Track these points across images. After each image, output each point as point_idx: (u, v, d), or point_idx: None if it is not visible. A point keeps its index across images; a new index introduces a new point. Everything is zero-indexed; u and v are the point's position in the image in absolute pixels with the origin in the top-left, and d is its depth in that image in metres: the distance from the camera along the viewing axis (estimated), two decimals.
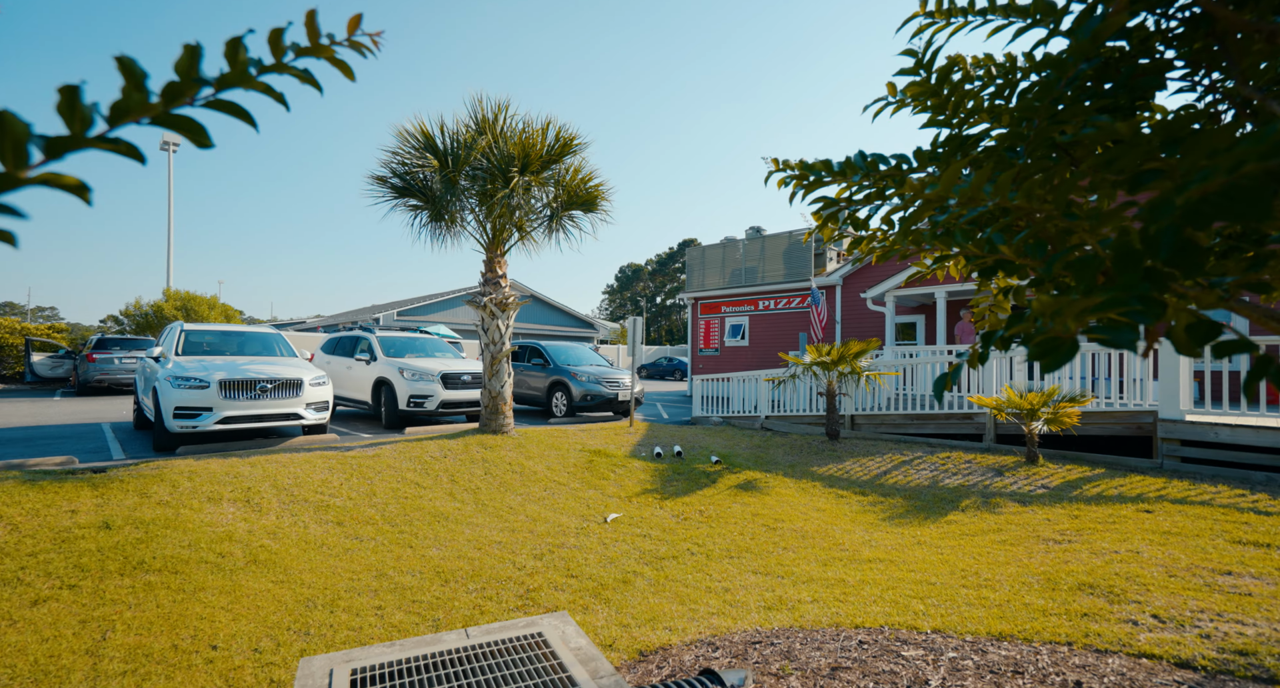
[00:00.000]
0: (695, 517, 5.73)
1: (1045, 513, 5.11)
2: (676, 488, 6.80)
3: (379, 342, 9.91)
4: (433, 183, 7.12)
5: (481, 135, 7.01)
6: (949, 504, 5.76)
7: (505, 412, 7.97)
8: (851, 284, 16.24)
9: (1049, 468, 6.51)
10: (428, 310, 31.97)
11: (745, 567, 4.33)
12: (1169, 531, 4.24)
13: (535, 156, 7.11)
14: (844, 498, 6.42)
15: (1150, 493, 5.36)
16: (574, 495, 6.32)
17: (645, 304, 76.42)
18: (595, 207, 7.97)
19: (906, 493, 6.29)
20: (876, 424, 9.26)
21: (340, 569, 3.88)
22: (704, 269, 20.43)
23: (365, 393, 9.62)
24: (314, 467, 5.78)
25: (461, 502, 5.72)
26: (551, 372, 11.89)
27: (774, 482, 7.05)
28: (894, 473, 6.99)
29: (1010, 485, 6.05)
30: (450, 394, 9.32)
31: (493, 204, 7.05)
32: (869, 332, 15.56)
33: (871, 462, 7.53)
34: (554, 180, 7.72)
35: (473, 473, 6.51)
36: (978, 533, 4.84)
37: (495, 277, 7.85)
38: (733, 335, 19.49)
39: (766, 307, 18.53)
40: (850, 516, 5.85)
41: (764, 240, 18.74)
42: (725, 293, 19.55)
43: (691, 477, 7.23)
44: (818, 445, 8.67)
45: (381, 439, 7.67)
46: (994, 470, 6.58)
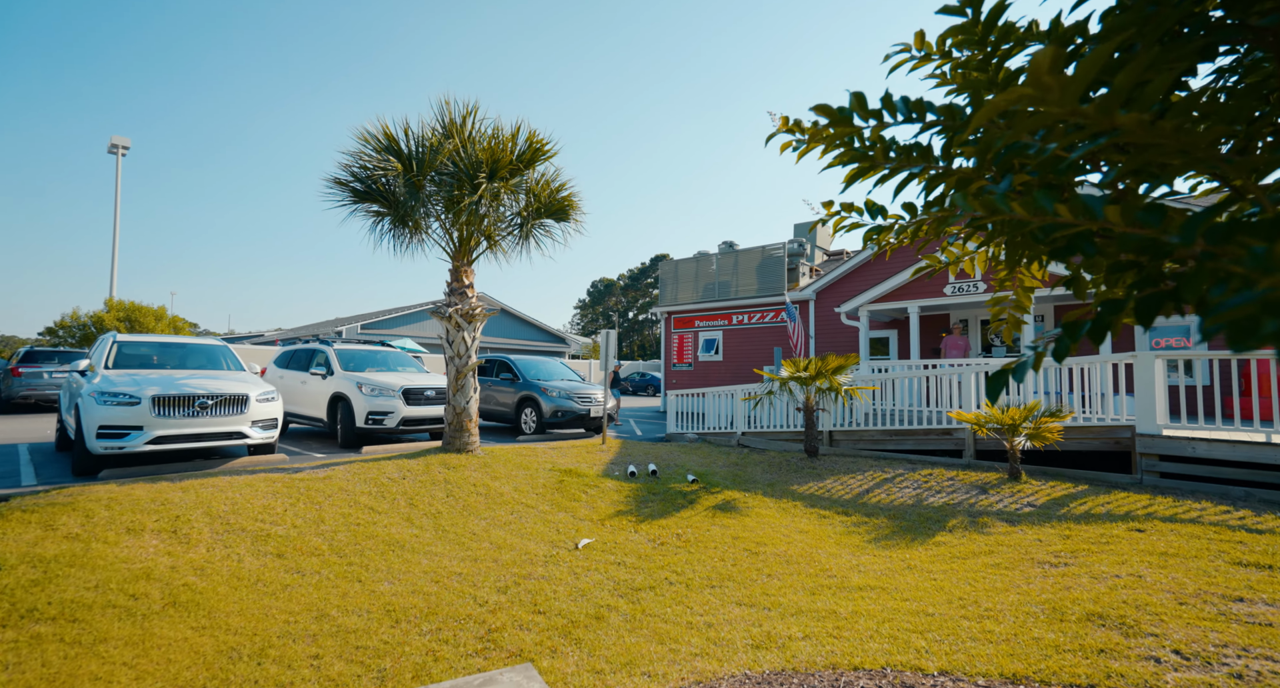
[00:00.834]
0: (672, 541, 5.39)
1: (1035, 533, 4.92)
2: (652, 510, 6.46)
3: (336, 355, 9.36)
4: (395, 187, 6.73)
5: (448, 139, 6.67)
6: (935, 524, 5.55)
7: (470, 429, 7.53)
8: (825, 299, 16.24)
9: (1032, 485, 6.38)
10: (393, 324, 31.09)
11: (728, 597, 4.01)
12: (1166, 552, 4.08)
13: (505, 162, 6.80)
14: (827, 519, 6.17)
15: (1138, 511, 5.23)
16: (543, 519, 5.92)
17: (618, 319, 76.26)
18: (567, 216, 7.68)
19: (891, 512, 6.06)
20: (855, 440, 9.09)
21: (275, 610, 3.42)
22: (677, 283, 20.28)
23: (320, 410, 9.04)
24: (256, 491, 5.26)
25: (420, 528, 5.27)
26: (521, 387, 11.45)
27: (754, 502, 6.76)
28: (876, 491, 6.77)
29: (996, 504, 5.87)
30: (412, 410, 8.82)
31: (459, 211, 6.70)
32: (842, 346, 15.54)
33: (853, 480, 7.31)
34: (524, 188, 7.41)
35: (433, 496, 6.06)
36: (969, 555, 4.61)
37: (462, 287, 7.46)
38: (706, 350, 19.31)
39: (740, 321, 18.43)
40: (835, 538, 5.59)
41: (737, 255, 18.70)
42: (698, 307, 19.41)
43: (667, 497, 6.90)
44: (796, 463, 8.43)
45: (335, 459, 7.14)
46: (978, 488, 6.42)
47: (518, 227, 7.69)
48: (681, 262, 20.33)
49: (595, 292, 80.00)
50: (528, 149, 7.10)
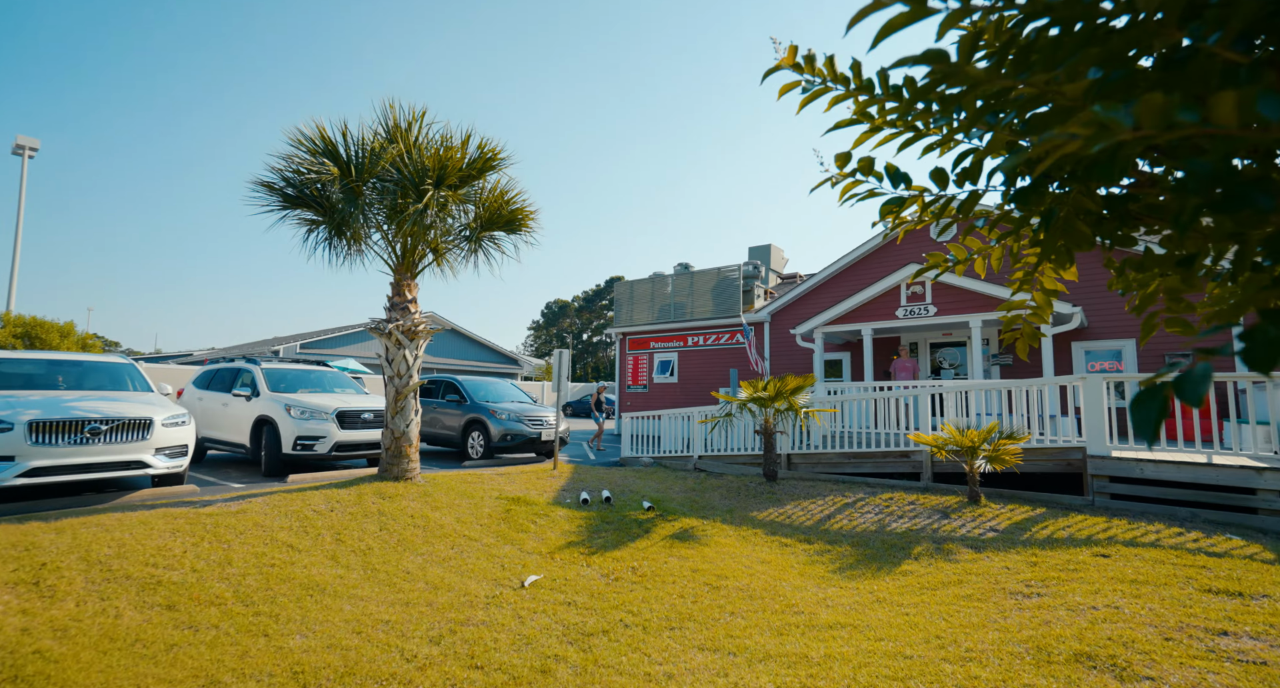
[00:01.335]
0: (628, 576, 4.99)
1: (1002, 560, 4.77)
2: (606, 540, 6.04)
3: (263, 375, 8.58)
4: (332, 193, 6.22)
5: (392, 144, 6.24)
6: (900, 552, 5.35)
7: (410, 455, 6.96)
8: (780, 321, 16.32)
9: (992, 508, 6.31)
10: (336, 343, 29.66)
11: (690, 641, 3.64)
12: (1136, 579, 3.97)
13: (453, 170, 6.41)
14: (789, 547, 5.90)
15: (1099, 535, 5.18)
16: (486, 553, 5.42)
17: (572, 340, 75.58)
18: (519, 227, 7.32)
19: (854, 540, 5.85)
20: (814, 464, 8.93)
21: (152, 679, 2.84)
22: (632, 304, 20.07)
23: (243, 434, 8.22)
24: (151, 529, 4.57)
25: (346, 567, 4.69)
26: (468, 409, 10.85)
27: (712, 530, 6.44)
28: (838, 517, 6.57)
29: (959, 529, 5.74)
30: (347, 435, 8.13)
31: (403, 220, 6.24)
32: (797, 368, 15.58)
33: (814, 505, 7.10)
34: (474, 198, 7.03)
35: (364, 530, 5.47)
36: (938, 586, 4.41)
37: (404, 301, 6.95)
38: (662, 372, 19.09)
39: (696, 343, 18.32)
40: (798, 568, 5.32)
41: (692, 276, 18.68)
42: (654, 329, 19.22)
43: (622, 526, 6.49)
44: (755, 488, 8.18)
45: (255, 490, 6.43)
46: (939, 512, 6.30)
47: (466, 238, 7.27)
48: (636, 283, 20.17)
49: (549, 313, 79.23)
50: (479, 157, 6.74)
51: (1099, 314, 11.76)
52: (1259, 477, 5.84)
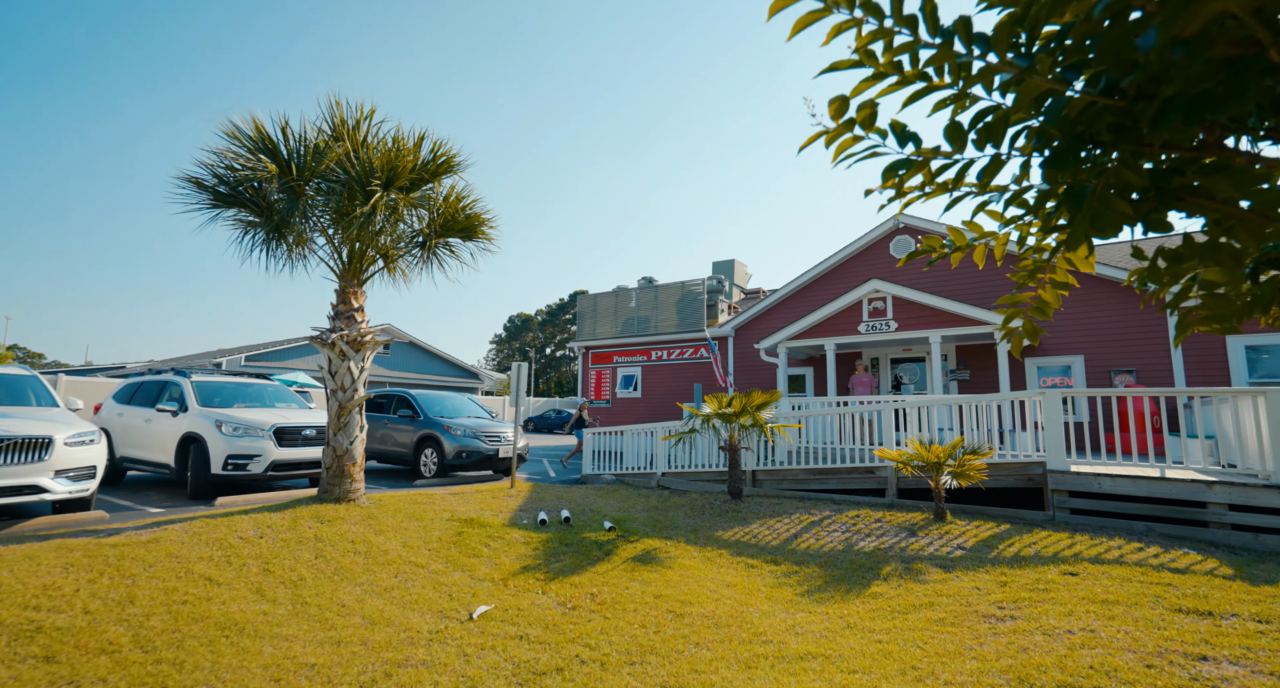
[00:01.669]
0: (586, 604, 4.67)
1: (972, 580, 4.65)
2: (564, 564, 5.70)
3: (193, 388, 7.92)
4: (270, 193, 5.78)
5: (338, 142, 5.86)
6: (869, 572, 5.19)
7: (353, 474, 6.48)
8: (743, 335, 16.30)
9: (958, 525, 6.23)
10: (284, 356, 28.38)
11: (652, 678, 3.35)
12: (1106, 599, 3.87)
13: (404, 171, 6.06)
14: (755, 569, 5.67)
15: (1065, 552, 5.13)
16: (434, 581, 5.01)
17: (535, 355, 74.68)
18: (476, 234, 6.99)
19: (821, 560, 5.66)
20: (779, 480, 8.78)
21: None
22: (595, 318, 19.81)
23: (168, 453, 7.54)
24: (38, 565, 4.02)
25: (272, 602, 4.23)
26: (421, 425, 10.33)
27: (676, 551, 6.16)
28: (805, 536, 6.38)
29: (927, 547, 5.62)
30: (286, 453, 7.56)
31: (348, 223, 5.85)
32: (760, 383, 15.54)
33: (779, 523, 6.90)
34: (427, 202, 6.68)
35: (297, 559, 4.99)
36: (909, 609, 4.24)
37: (350, 310, 6.52)
38: (625, 386, 18.82)
39: (659, 357, 18.15)
40: (765, 591, 5.08)
41: (656, 290, 18.56)
42: (617, 343, 18.97)
43: (581, 549, 6.16)
44: (720, 505, 7.96)
45: (175, 516, 5.84)
46: (906, 530, 6.18)
47: (419, 245, 6.90)
48: (600, 296, 19.93)
49: (512, 327, 78.22)
50: (432, 159, 6.41)
51: (1050, 330, 12.09)
52: (1209, 490, 5.93)
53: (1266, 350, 10.84)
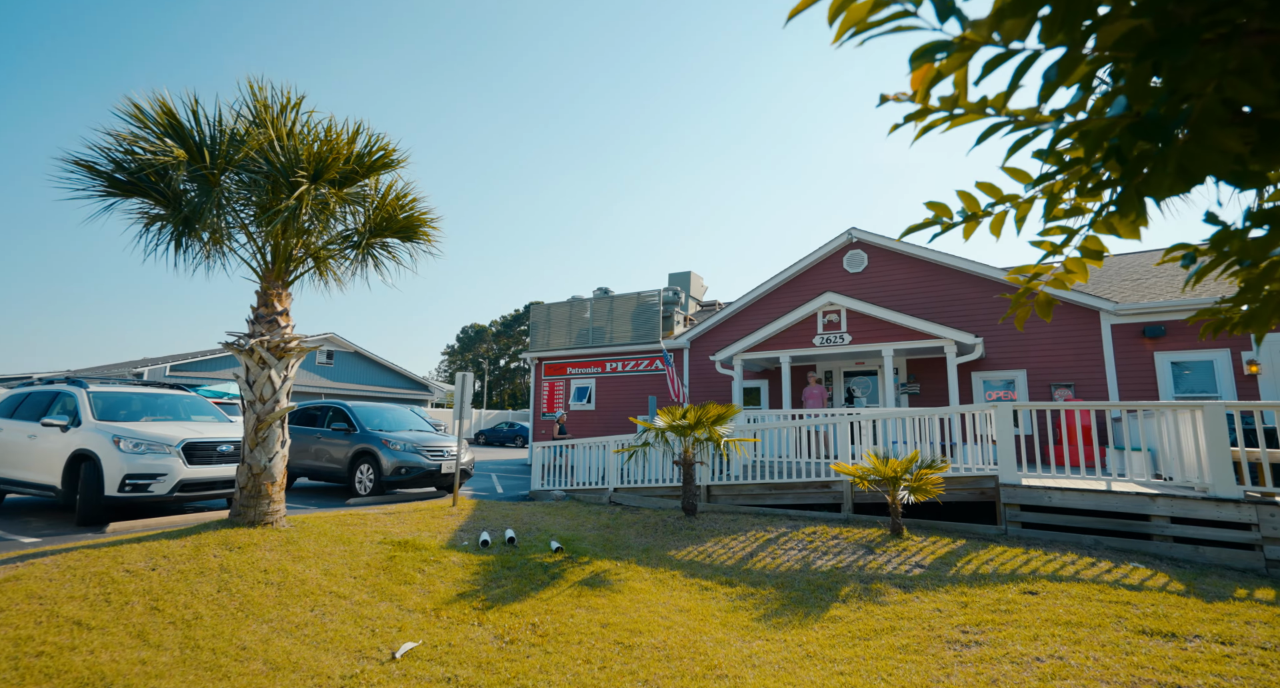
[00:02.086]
0: (525, 637, 4.26)
1: (933, 601, 4.47)
2: (505, 590, 5.26)
3: (90, 399, 7.08)
4: (178, 181, 5.20)
5: (261, 129, 5.34)
6: (827, 593, 4.96)
7: (272, 494, 5.87)
8: (699, 347, 16.17)
9: (915, 541, 6.11)
10: (215, 365, 26.65)
11: None
12: (1070, 621, 3.74)
13: (335, 164, 5.58)
14: (710, 591, 5.37)
15: (1022, 569, 5.04)
16: (356, 614, 4.50)
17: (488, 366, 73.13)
18: (417, 235, 6.54)
19: (778, 581, 5.41)
20: (734, 496, 8.54)
21: None
22: (549, 328, 19.35)
23: (54, 473, 6.67)
24: None
25: (156, 647, 3.65)
26: (357, 439, 9.65)
27: (627, 573, 5.81)
28: (761, 555, 6.13)
29: (885, 565, 5.45)
30: (198, 471, 6.83)
31: (271, 217, 5.32)
32: (716, 396, 15.40)
33: (735, 541, 6.64)
34: (363, 199, 6.20)
35: (195, 594, 4.39)
36: (871, 635, 4.01)
37: (272, 313, 5.94)
38: (578, 398, 18.38)
39: (614, 369, 17.82)
40: (720, 616, 4.78)
41: (612, 301, 18.28)
42: (571, 354, 18.55)
43: (525, 573, 5.73)
44: (674, 523, 7.64)
45: (50, 547, 5.11)
46: (864, 547, 6.01)
47: (354, 245, 6.40)
48: (554, 306, 19.51)
49: (465, 337, 76.48)
50: (368, 153, 5.95)
51: (995, 346, 12.40)
52: (1152, 503, 6.00)
53: (1189, 367, 11.38)
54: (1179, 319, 11.27)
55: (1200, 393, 11.05)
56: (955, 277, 13.18)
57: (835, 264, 14.64)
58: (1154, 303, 11.33)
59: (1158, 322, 11.40)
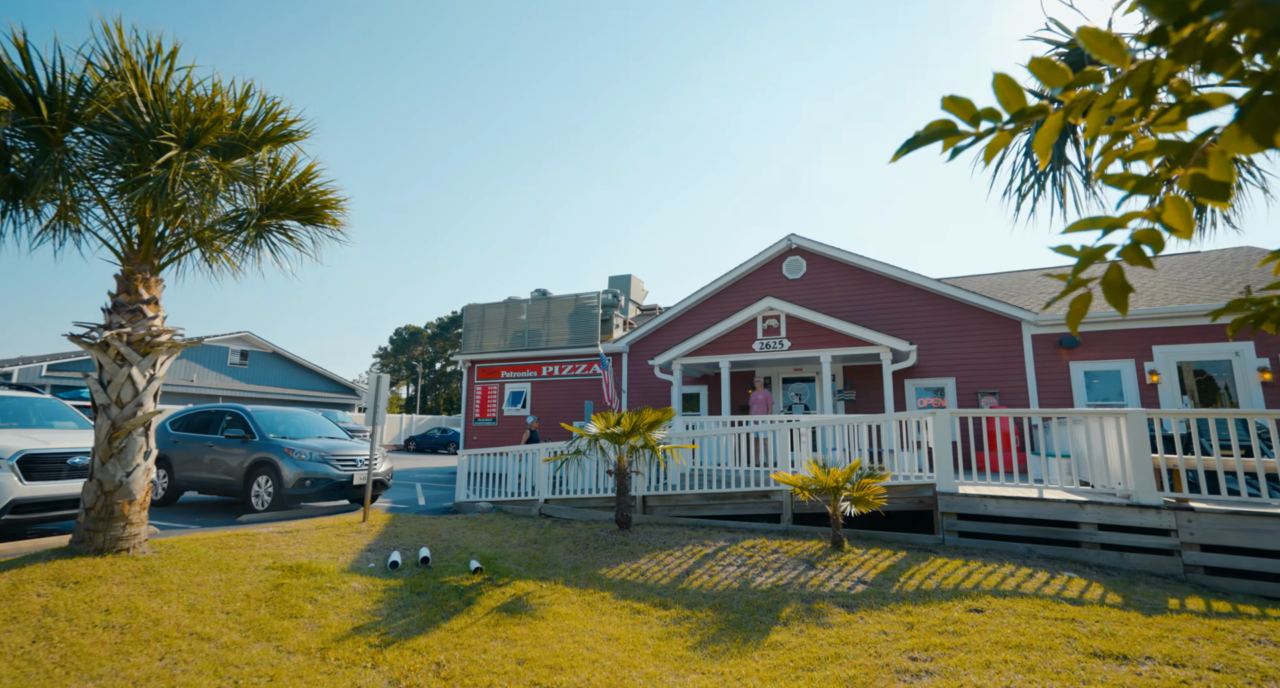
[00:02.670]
0: (427, 681, 3.66)
1: (878, 622, 4.19)
2: (410, 621, 4.62)
3: None
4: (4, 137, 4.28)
5: (119, 81, 4.49)
6: (768, 615, 4.60)
7: (129, 516, 4.97)
8: (638, 352, 15.78)
9: (856, 553, 5.88)
10: None
11: None
12: (1020, 644, 3.52)
13: (216, 129, 4.79)
14: (642, 615, 4.91)
15: (965, 584, 4.86)
16: (219, 661, 3.76)
17: (423, 370, 70.41)
18: (320, 217, 5.80)
19: (716, 601, 5.02)
20: (671, 507, 8.14)
21: None
22: (483, 330, 18.48)
23: None
24: None
25: None
26: (256, 447, 8.62)
27: (552, 596, 5.27)
28: (698, 572, 5.73)
29: (828, 582, 5.16)
30: (41, 488, 5.77)
31: (131, 187, 4.49)
32: (655, 402, 15.04)
33: (670, 557, 6.22)
34: (254, 174, 5.42)
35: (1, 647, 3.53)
36: (814, 664, 3.66)
37: (137, 301, 5.06)
38: (513, 403, 17.60)
39: (550, 373, 17.17)
40: (653, 645, 4.33)
41: (549, 302, 17.65)
42: (506, 357, 17.77)
43: (437, 598, 5.09)
44: (607, 537, 7.15)
45: None
46: (805, 561, 5.72)
47: (247, 225, 5.59)
48: (489, 306, 18.66)
49: (399, 340, 73.37)
50: (262, 119, 5.19)
51: (925, 353, 12.65)
52: (1081, 510, 6.03)
53: (1099, 376, 11.96)
54: (1093, 330, 11.82)
55: (1109, 401, 11.62)
56: (890, 285, 13.40)
57: (775, 270, 14.63)
58: None
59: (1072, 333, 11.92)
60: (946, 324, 12.77)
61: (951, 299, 12.79)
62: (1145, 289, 12.68)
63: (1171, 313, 11.23)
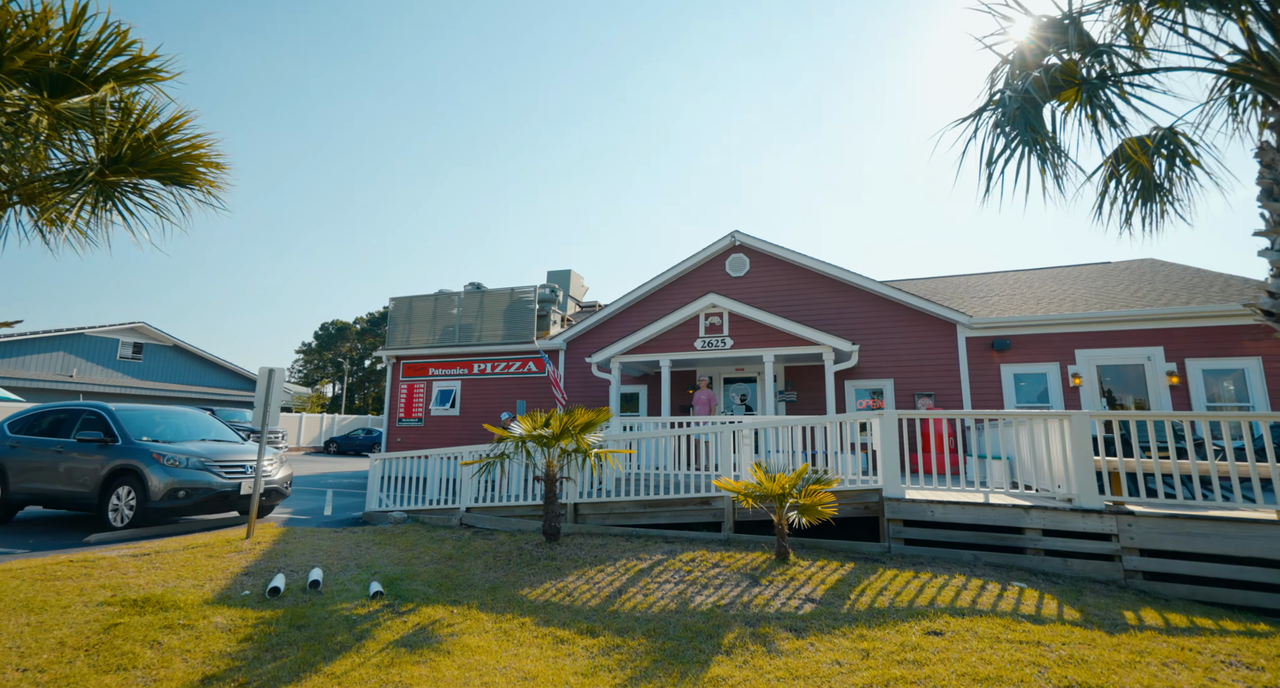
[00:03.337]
0: None
1: (830, 649, 3.72)
2: (282, 666, 3.78)
3: None
4: None
5: None
6: (709, 642, 4.06)
7: None
8: (576, 350, 15.08)
9: (801, 566, 5.45)
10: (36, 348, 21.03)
11: None
12: (988, 676, 3.12)
13: (29, 51, 3.79)
14: (566, 645, 4.26)
15: (919, 601, 4.49)
16: None
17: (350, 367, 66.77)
18: (189, 177, 4.82)
19: (651, 626, 4.43)
20: (605, 515, 7.51)
21: None
22: (410, 324, 17.27)
23: None
24: None
25: None
26: (117, 452, 7.35)
27: (463, 624, 4.54)
28: (631, 591, 5.13)
29: (773, 600, 4.68)
30: None
31: None
32: (592, 402, 14.38)
33: (602, 574, 5.59)
34: (95, 116, 4.40)
35: None
36: None
37: None
38: (441, 403, 16.50)
39: (482, 371, 16.19)
40: (576, 682, 3.70)
41: (483, 296, 16.67)
42: (435, 353, 16.64)
43: (322, 633, 4.26)
44: (532, 550, 6.45)
45: None
46: (748, 576, 5.23)
47: (82, 180, 4.55)
48: (418, 299, 17.45)
49: (325, 334, 69.26)
50: (106, 50, 4.19)
51: (865, 355, 12.61)
52: (1026, 516, 5.86)
53: (1027, 378, 12.25)
54: (1022, 334, 12.09)
55: (1036, 403, 11.91)
56: (832, 285, 13.31)
57: (718, 267, 14.29)
58: (1001, 317, 12.07)
59: (1004, 335, 12.16)
60: (886, 326, 12.78)
61: (891, 301, 12.81)
62: (1068, 295, 13.13)
63: (1093, 318, 11.61)
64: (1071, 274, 15.47)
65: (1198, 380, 11.07)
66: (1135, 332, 11.46)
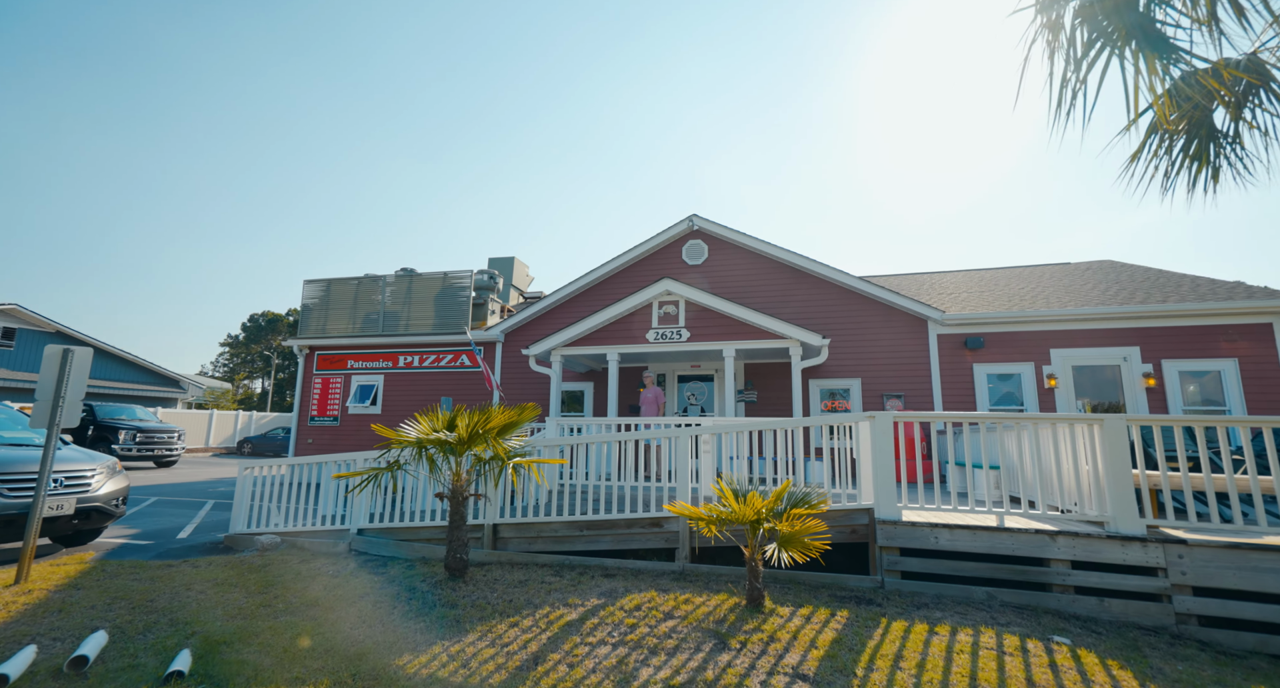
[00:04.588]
0: None
1: None
2: None
3: None
4: None
5: None
6: None
7: None
8: (515, 343, 13.46)
9: (780, 616, 4.10)
10: None
11: None
12: None
13: None
14: None
15: (955, 678, 3.20)
16: None
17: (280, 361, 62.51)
18: None
19: None
20: (531, 539, 6.00)
21: None
22: (327, 311, 15.22)
23: None
24: None
25: None
26: None
27: None
28: (553, 658, 3.65)
29: (750, 676, 3.29)
30: None
31: None
32: (533, 400, 12.79)
33: (515, 631, 4.08)
34: None
35: None
36: None
37: None
38: (361, 400, 14.53)
39: (409, 363, 14.34)
40: None
41: (412, 280, 14.82)
42: (355, 343, 14.67)
43: None
44: (428, 592, 4.88)
45: None
46: (712, 634, 3.84)
47: None
48: (337, 282, 15.41)
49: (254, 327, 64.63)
50: None
51: (833, 352, 11.55)
52: (1053, 544, 4.73)
53: (1000, 379, 11.44)
54: (996, 331, 11.28)
55: (1010, 404, 11.12)
56: (797, 276, 12.20)
57: (674, 254, 12.98)
58: (975, 314, 11.22)
59: (978, 333, 11.33)
60: (854, 322, 11.75)
61: (860, 294, 11.80)
62: (1039, 293, 12.46)
63: (1071, 315, 10.90)
64: (1036, 273, 14.94)
65: (1174, 382, 10.49)
66: (1112, 331, 10.80)
